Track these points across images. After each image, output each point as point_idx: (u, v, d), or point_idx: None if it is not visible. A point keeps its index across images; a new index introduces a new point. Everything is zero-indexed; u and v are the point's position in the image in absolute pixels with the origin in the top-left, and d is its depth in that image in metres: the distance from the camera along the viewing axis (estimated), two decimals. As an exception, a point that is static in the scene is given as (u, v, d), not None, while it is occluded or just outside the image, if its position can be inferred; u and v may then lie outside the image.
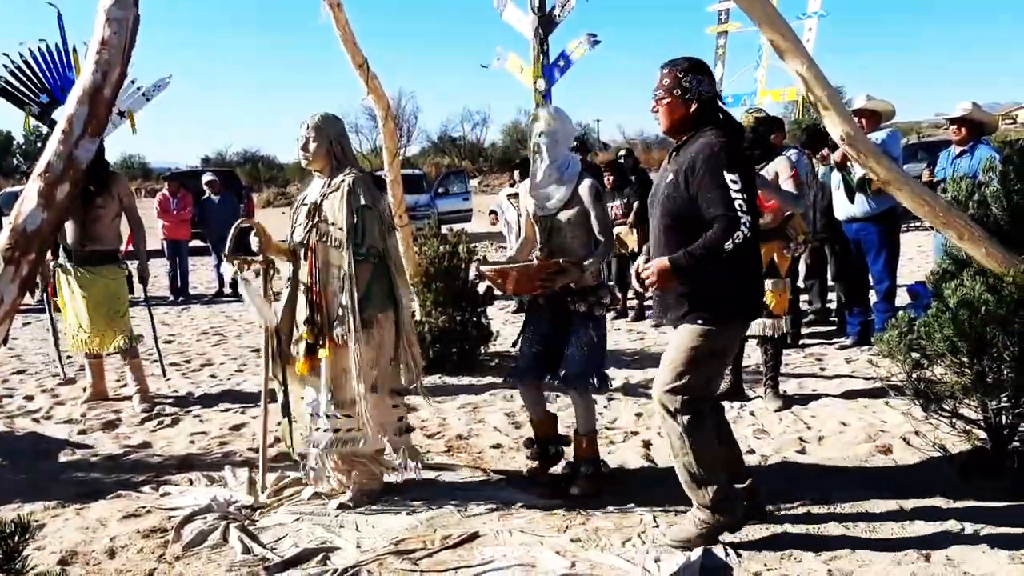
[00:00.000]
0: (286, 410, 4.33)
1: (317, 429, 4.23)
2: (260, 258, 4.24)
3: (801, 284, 8.66)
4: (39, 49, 6.48)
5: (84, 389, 6.50)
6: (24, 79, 6.48)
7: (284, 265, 4.32)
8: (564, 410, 5.20)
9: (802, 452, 4.77)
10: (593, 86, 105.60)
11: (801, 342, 7.55)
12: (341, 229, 4.02)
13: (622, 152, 10.29)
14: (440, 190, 24.78)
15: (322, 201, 4.13)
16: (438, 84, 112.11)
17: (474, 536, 3.78)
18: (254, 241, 4.21)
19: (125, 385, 6.51)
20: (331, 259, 4.08)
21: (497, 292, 7.64)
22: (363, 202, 4.05)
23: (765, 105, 9.12)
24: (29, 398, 6.65)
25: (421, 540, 3.76)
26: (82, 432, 5.67)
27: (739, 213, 3.30)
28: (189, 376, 7.43)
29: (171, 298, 12.59)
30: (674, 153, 3.62)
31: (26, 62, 6.46)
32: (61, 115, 2.05)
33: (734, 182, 3.33)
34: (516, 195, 9.27)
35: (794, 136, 12.01)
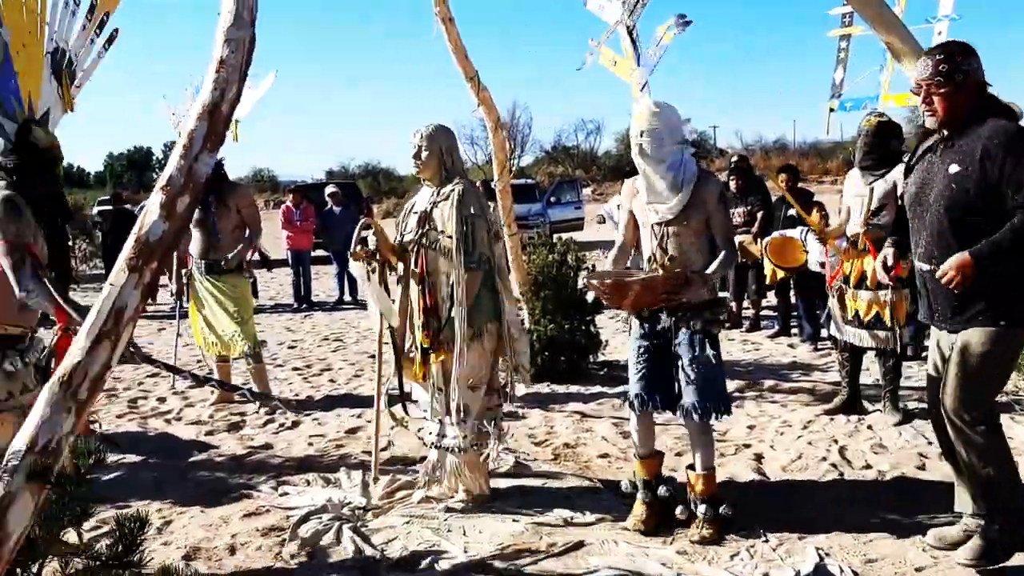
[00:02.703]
0: (400, 403, 4.45)
1: (430, 433, 4.33)
2: (378, 257, 4.34)
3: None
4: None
5: (212, 392, 6.82)
6: None
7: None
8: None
9: (922, 468, 4.58)
10: (710, 90, 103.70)
11: (924, 354, 7.21)
12: (451, 237, 4.10)
13: (735, 158, 10.05)
14: (552, 199, 24.73)
15: (432, 209, 4.22)
16: (553, 94, 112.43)
17: (579, 545, 3.78)
18: (372, 240, 4.31)
19: (251, 388, 6.78)
20: (440, 267, 4.17)
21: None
22: (472, 211, 4.12)
23: (888, 110, 8.76)
24: (162, 400, 7.01)
25: (527, 547, 3.79)
26: (209, 433, 5.95)
27: None
28: (309, 380, 7.69)
29: (295, 305, 13.05)
30: (943, 146, 3.36)
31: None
32: (182, 131, 2.18)
33: None
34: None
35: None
